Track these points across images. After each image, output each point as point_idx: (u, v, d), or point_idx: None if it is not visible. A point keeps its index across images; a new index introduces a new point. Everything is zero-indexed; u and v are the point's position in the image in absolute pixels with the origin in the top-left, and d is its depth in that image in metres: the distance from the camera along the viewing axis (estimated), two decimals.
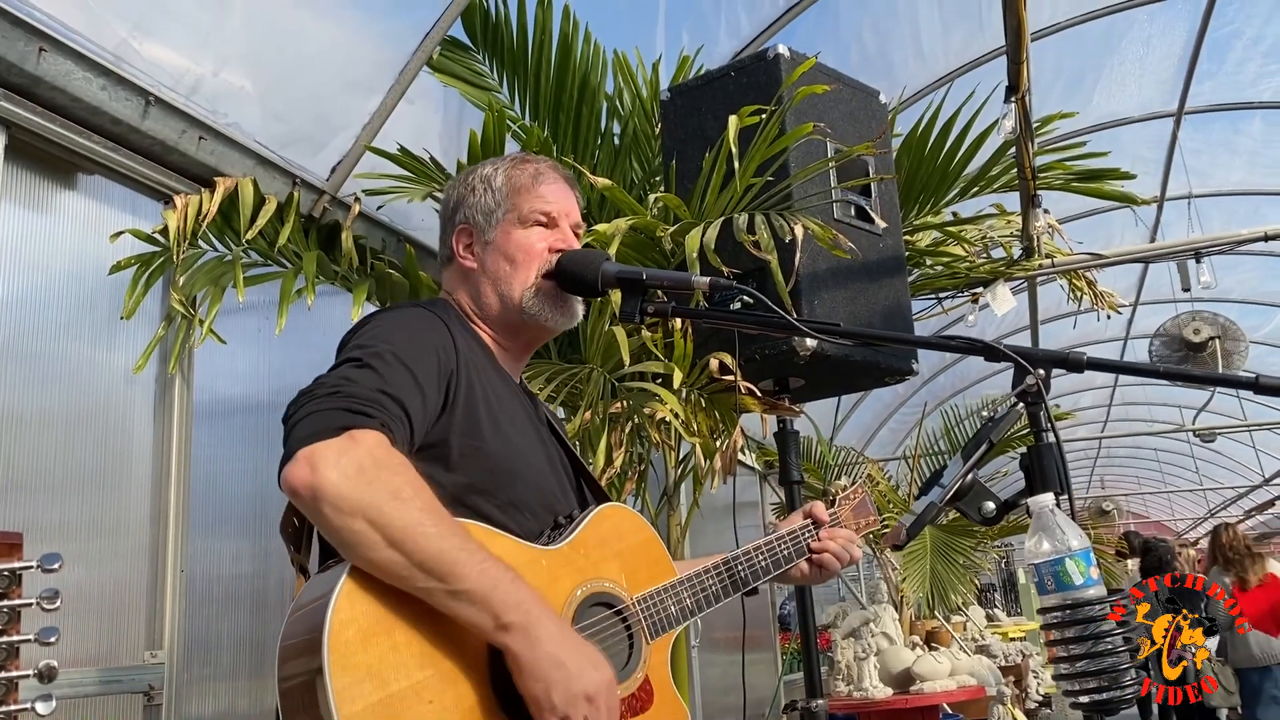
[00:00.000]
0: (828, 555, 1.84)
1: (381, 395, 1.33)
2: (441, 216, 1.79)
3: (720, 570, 1.67)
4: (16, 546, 0.91)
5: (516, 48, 3.30)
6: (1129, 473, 21.03)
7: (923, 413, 7.72)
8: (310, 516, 1.27)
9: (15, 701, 0.89)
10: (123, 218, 2.64)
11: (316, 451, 1.24)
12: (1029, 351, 1.47)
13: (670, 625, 1.55)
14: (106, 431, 2.56)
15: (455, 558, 1.26)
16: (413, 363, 1.40)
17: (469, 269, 1.69)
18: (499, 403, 1.54)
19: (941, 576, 5.64)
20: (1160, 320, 8.71)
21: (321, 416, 1.28)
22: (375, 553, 1.23)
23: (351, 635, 1.20)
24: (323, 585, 1.25)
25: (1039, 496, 1.37)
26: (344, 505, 1.23)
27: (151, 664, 2.52)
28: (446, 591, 1.25)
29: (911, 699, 5.20)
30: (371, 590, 1.24)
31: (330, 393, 1.31)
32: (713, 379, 2.87)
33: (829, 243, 2.48)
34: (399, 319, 1.52)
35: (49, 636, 0.92)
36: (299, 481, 1.24)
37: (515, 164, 1.74)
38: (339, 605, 1.20)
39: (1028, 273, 4.12)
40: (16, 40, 2.26)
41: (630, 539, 1.57)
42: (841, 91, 2.89)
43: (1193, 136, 7.05)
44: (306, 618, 1.23)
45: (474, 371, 1.52)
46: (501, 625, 1.26)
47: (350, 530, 1.23)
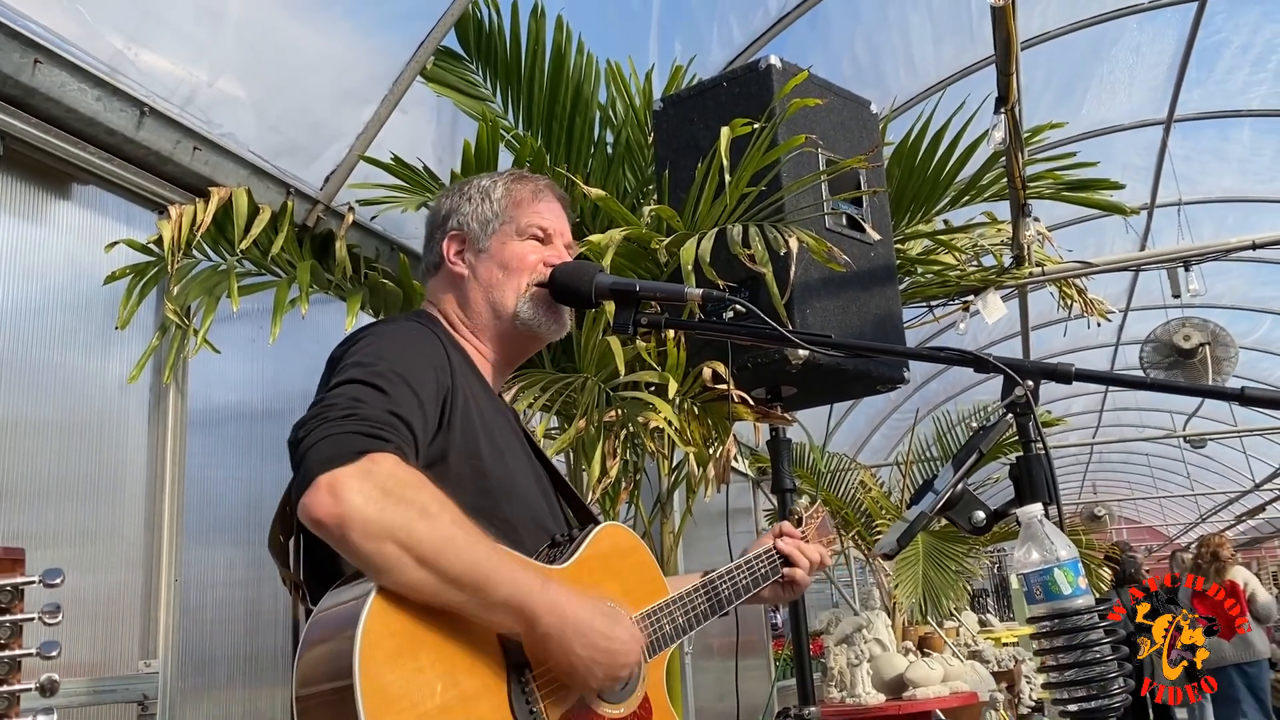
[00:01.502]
0: (798, 571, 1.87)
1: (393, 417, 1.32)
2: (430, 223, 1.77)
3: (707, 589, 1.70)
4: (19, 562, 0.92)
5: (510, 58, 3.31)
6: (1121, 478, 21.10)
7: (914, 419, 7.75)
8: (336, 545, 1.24)
9: (17, 714, 0.90)
10: (117, 228, 2.65)
11: (338, 478, 1.22)
12: (1018, 363, 1.48)
13: (666, 644, 1.57)
14: (101, 440, 2.57)
15: (487, 569, 1.26)
16: (415, 382, 1.39)
17: (458, 275, 1.68)
18: (491, 420, 1.54)
19: (934, 582, 5.65)
20: (1150, 326, 8.76)
21: (338, 441, 1.25)
22: (408, 574, 1.22)
23: (381, 656, 1.19)
24: (348, 606, 1.24)
25: (1028, 507, 1.39)
26: (373, 530, 1.21)
27: (146, 673, 2.52)
28: (481, 604, 1.26)
29: (905, 705, 5.20)
30: (398, 610, 1.24)
31: (344, 415, 1.29)
32: (706, 388, 2.89)
33: (823, 256, 2.50)
34: (396, 335, 1.51)
35: (50, 651, 0.93)
36: (323, 511, 1.21)
37: (516, 179, 1.75)
38: (369, 626, 1.19)
39: (1018, 280, 4.14)
40: (12, 52, 2.27)
41: (628, 559, 1.59)
42: (833, 102, 2.91)
43: (1182, 144, 7.10)
44: (333, 637, 1.22)
45: (467, 388, 1.51)
46: (538, 632, 1.30)
47: (381, 555, 1.21)
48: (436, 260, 1.72)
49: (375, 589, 1.23)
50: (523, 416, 2.83)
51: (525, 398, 2.83)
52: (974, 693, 5.70)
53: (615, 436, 2.86)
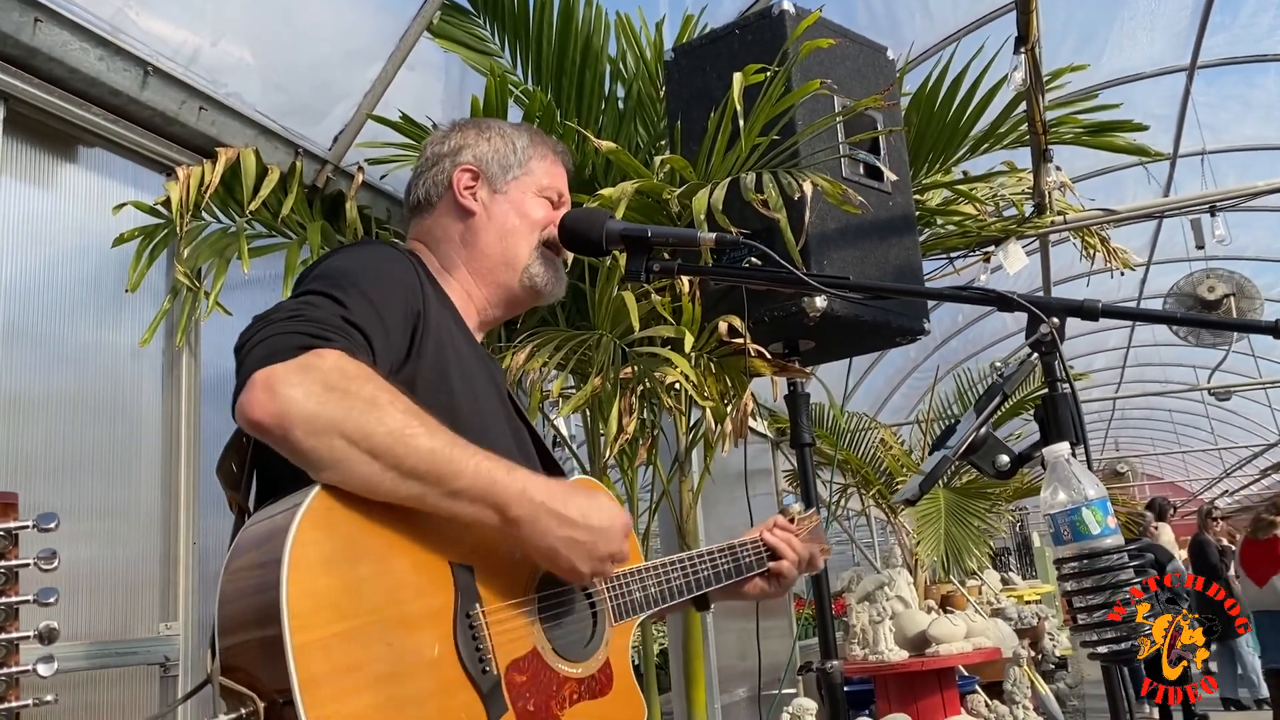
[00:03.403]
0: (785, 564, 1.79)
1: (344, 323, 1.21)
2: (431, 155, 1.65)
3: (685, 565, 1.61)
4: (11, 506, 0.89)
5: (517, 11, 3.25)
6: (1143, 434, 20.98)
7: (935, 377, 7.69)
8: (277, 445, 1.13)
9: (17, 663, 0.88)
10: (125, 190, 2.62)
11: (275, 373, 1.11)
12: (1043, 300, 1.44)
13: (634, 611, 1.49)
14: (115, 409, 2.56)
15: (449, 455, 1.17)
16: (376, 296, 1.29)
17: (468, 210, 1.58)
18: (467, 360, 1.45)
19: (956, 539, 5.62)
20: (1173, 280, 8.64)
21: (278, 339, 1.15)
22: (358, 468, 1.12)
23: (314, 557, 1.07)
24: (285, 503, 1.13)
25: (1054, 446, 1.35)
26: (317, 424, 1.10)
27: (166, 635, 2.53)
28: (443, 493, 1.17)
29: (928, 661, 5.20)
30: (339, 513, 1.13)
31: (288, 317, 1.19)
32: (722, 342, 2.85)
33: (839, 198, 2.44)
34: (363, 253, 1.41)
35: (48, 597, 0.90)
36: (260, 410, 1.10)
37: (538, 134, 1.69)
38: (303, 525, 1.08)
39: (1039, 230, 4.07)
40: (11, 11, 2.23)
41: None
42: (848, 48, 2.84)
43: (1205, 91, 6.97)
44: (264, 533, 1.11)
45: (440, 321, 1.41)
46: (509, 520, 1.22)
47: (327, 450, 1.11)
48: (439, 192, 1.61)
49: (317, 487, 1.12)
50: (537, 376, 2.81)
51: (540, 356, 2.80)
52: (997, 648, 5.69)
53: (631, 393, 2.83)
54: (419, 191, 1.64)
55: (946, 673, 5.32)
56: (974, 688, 5.88)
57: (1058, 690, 7.97)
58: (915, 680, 5.20)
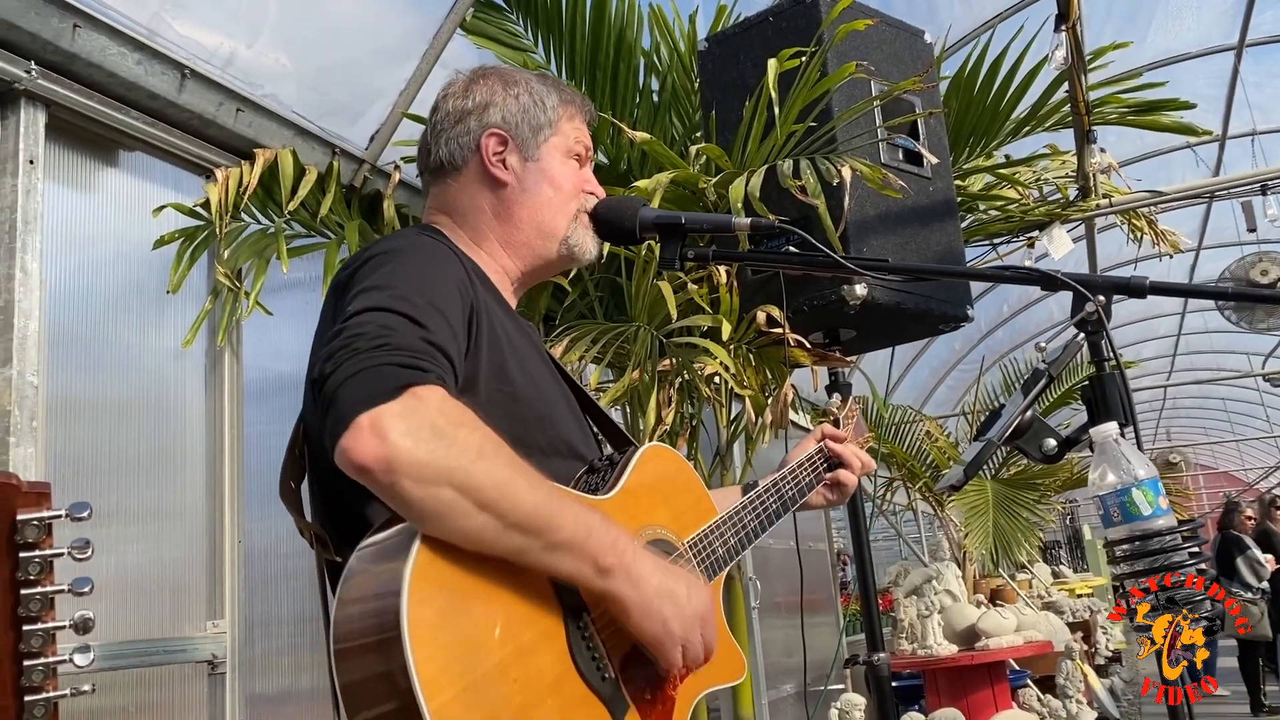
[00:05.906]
0: (845, 473, 1.81)
1: (429, 345, 1.17)
2: (454, 111, 1.53)
3: (755, 506, 1.63)
4: (45, 496, 0.89)
5: (550, 6, 3.25)
6: (1196, 423, 20.57)
7: (980, 369, 7.59)
8: (382, 491, 1.10)
9: (54, 654, 0.88)
10: (165, 193, 2.64)
11: (381, 417, 1.07)
12: (1088, 278, 1.39)
13: (720, 567, 1.50)
14: (160, 411, 2.58)
15: (550, 510, 1.16)
16: (443, 304, 1.25)
17: (498, 180, 1.50)
18: (517, 340, 1.42)
19: (1004, 531, 5.54)
20: (1224, 265, 8.45)
21: (370, 375, 1.10)
22: (466, 520, 1.10)
23: (430, 617, 1.06)
24: (386, 562, 1.11)
25: (1102, 426, 1.31)
26: (427, 474, 1.07)
27: (214, 633, 2.55)
28: (543, 546, 1.15)
29: (978, 655, 5.13)
30: (444, 560, 1.11)
31: (375, 346, 1.13)
32: (761, 333, 2.82)
33: (879, 183, 2.40)
34: (411, 253, 1.34)
35: (82, 587, 0.90)
36: (368, 455, 1.06)
37: (565, 91, 1.58)
38: (414, 585, 1.06)
39: (1085, 214, 3.98)
40: (50, 17, 2.26)
41: (674, 481, 1.51)
42: (884, 31, 2.80)
43: (1255, 70, 6.80)
44: (373, 601, 1.09)
45: (488, 305, 1.38)
46: (602, 569, 1.19)
47: (436, 500, 1.08)
48: (465, 156, 1.50)
49: (419, 538, 1.10)
50: (575, 369, 2.80)
51: (577, 349, 2.79)
52: (1048, 641, 5.60)
53: (670, 385, 2.81)
54: (441, 153, 1.52)
55: (997, 666, 5.25)
56: (1025, 682, 5.79)
57: (1111, 685, 7.83)
58: (965, 674, 5.13)
